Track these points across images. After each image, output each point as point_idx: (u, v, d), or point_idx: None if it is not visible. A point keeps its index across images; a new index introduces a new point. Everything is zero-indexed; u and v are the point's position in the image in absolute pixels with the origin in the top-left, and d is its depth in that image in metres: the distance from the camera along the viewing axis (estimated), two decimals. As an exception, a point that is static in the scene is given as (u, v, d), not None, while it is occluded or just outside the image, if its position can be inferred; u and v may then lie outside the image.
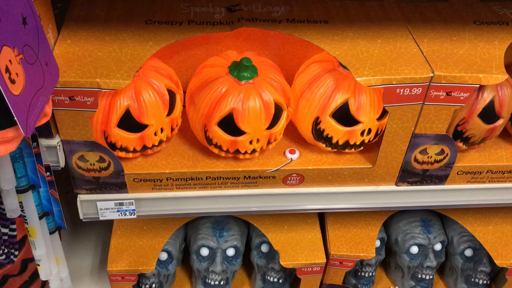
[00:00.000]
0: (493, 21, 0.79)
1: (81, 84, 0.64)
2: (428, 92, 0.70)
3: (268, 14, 0.79)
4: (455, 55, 0.72)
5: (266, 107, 0.72)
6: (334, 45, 0.73)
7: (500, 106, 0.74)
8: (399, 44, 0.73)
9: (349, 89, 0.73)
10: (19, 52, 0.46)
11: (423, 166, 0.79)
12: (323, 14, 0.79)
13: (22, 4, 0.47)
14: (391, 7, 0.82)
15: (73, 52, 0.69)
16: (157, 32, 0.73)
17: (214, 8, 0.80)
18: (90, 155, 0.72)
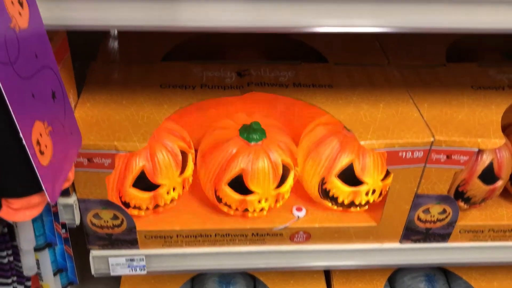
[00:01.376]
0: (490, 86, 0.83)
1: (99, 147, 0.68)
2: (429, 155, 0.73)
3: (276, 79, 0.83)
4: (454, 120, 0.76)
5: (274, 167, 0.75)
6: (338, 109, 0.77)
7: (499, 168, 0.77)
8: (400, 109, 0.77)
9: (353, 151, 0.76)
10: (48, 125, 0.50)
11: (426, 225, 0.81)
12: (328, 78, 0.83)
13: (52, 79, 0.52)
14: (392, 72, 0.87)
15: (92, 115, 0.73)
16: (172, 95, 0.78)
17: (225, 72, 0.85)
18: (105, 213, 0.74)
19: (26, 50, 0.46)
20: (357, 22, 0.57)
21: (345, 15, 0.57)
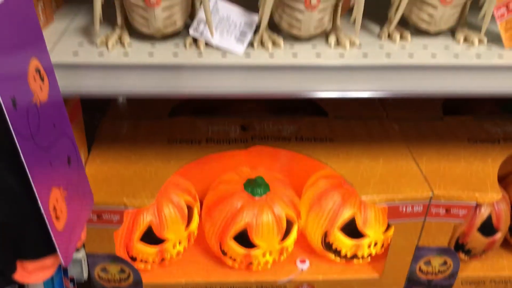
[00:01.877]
0: (485, 139, 0.86)
1: (109, 204, 0.70)
2: (428, 209, 0.75)
3: (279, 132, 0.86)
4: (452, 174, 0.78)
5: (278, 221, 0.77)
6: (339, 163, 0.79)
7: (497, 220, 0.79)
8: (400, 163, 0.80)
9: (355, 204, 0.78)
10: (64, 190, 0.52)
11: (428, 276, 0.82)
12: (329, 132, 0.86)
13: (68, 146, 0.54)
14: (391, 125, 0.90)
15: (102, 171, 0.75)
16: (179, 151, 0.80)
17: (229, 126, 0.88)
18: (112, 267, 0.76)
19: (45, 122, 0.49)
20: (353, 87, 0.61)
21: (342, 81, 0.60)
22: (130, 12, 0.60)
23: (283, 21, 0.62)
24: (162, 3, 0.57)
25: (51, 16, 0.66)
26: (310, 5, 0.58)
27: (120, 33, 0.61)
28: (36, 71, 0.48)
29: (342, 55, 0.61)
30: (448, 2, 0.62)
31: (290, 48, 0.62)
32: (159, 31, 0.59)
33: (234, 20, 0.62)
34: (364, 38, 0.65)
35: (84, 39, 0.61)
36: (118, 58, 0.57)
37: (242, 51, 0.60)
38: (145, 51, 0.59)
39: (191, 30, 0.60)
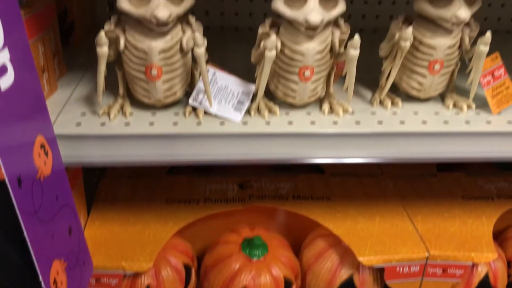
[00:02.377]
0: (479, 196, 0.88)
1: (107, 268, 0.71)
2: (425, 269, 0.75)
3: (276, 191, 0.88)
4: (447, 233, 0.79)
5: (276, 283, 0.77)
6: (336, 222, 0.80)
7: (494, 279, 0.79)
8: (396, 222, 0.81)
9: (353, 264, 0.78)
10: (64, 261, 0.53)
11: (428, 336, 0.81)
12: (325, 190, 0.88)
13: (69, 216, 0.56)
14: (386, 182, 0.91)
15: (101, 234, 0.76)
16: (177, 211, 0.81)
17: (227, 185, 0.89)
18: (109, 331, 0.75)
19: (48, 196, 0.50)
20: (347, 154, 0.63)
21: (337, 148, 0.62)
22: (132, 84, 0.62)
23: (278, 90, 0.64)
24: (163, 76, 0.59)
25: (55, 85, 0.69)
26: (304, 76, 0.61)
27: (122, 103, 0.63)
28: (41, 147, 0.50)
29: (336, 123, 0.63)
30: (436, 71, 0.64)
31: (286, 115, 0.64)
32: (160, 101, 0.62)
33: (232, 89, 0.64)
34: (357, 104, 0.68)
35: (87, 109, 0.63)
36: (119, 128, 0.59)
37: (240, 119, 0.62)
38: (146, 121, 0.61)
39: (190, 100, 0.63)
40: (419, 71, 0.65)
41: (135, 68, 0.59)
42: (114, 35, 0.59)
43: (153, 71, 0.58)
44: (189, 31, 0.60)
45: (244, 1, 0.97)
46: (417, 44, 0.63)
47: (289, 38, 0.59)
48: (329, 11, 0.58)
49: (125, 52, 0.59)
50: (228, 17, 0.98)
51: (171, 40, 0.58)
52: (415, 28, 0.64)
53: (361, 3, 0.99)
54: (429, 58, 0.64)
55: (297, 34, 0.59)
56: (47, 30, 0.66)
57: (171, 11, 0.54)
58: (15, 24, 0.46)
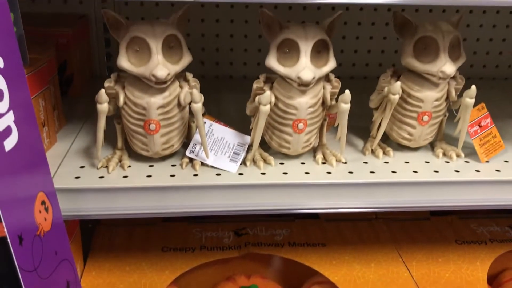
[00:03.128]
0: (472, 240, 0.89)
1: (103, 320, 0.70)
2: (422, 316, 0.75)
3: (271, 238, 0.88)
4: (442, 278, 0.79)
5: (273, 332, 0.77)
6: (332, 269, 0.81)
7: (491, 325, 0.79)
8: (391, 268, 0.81)
9: (349, 312, 0.78)
10: (61, 316, 0.53)
11: None
12: (320, 236, 0.88)
13: (68, 270, 0.56)
14: (380, 226, 0.92)
15: (98, 284, 0.76)
16: (173, 260, 0.81)
17: (223, 232, 0.90)
18: None
19: (47, 251, 0.51)
20: (341, 203, 0.64)
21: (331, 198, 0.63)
22: (130, 137, 0.64)
23: (273, 141, 0.66)
24: (161, 130, 0.61)
25: (54, 138, 0.70)
26: (297, 129, 0.63)
27: (120, 155, 0.65)
28: (42, 203, 0.51)
29: (330, 173, 0.64)
30: (425, 122, 0.67)
31: (281, 165, 0.66)
32: (158, 154, 0.63)
33: (228, 141, 0.66)
34: (349, 154, 0.69)
35: (86, 161, 0.65)
36: (118, 181, 0.61)
37: (236, 170, 0.64)
38: (143, 173, 0.62)
39: (187, 152, 0.64)
40: (408, 122, 0.67)
41: (134, 123, 0.61)
42: (114, 92, 0.61)
43: (152, 125, 0.60)
44: (187, 86, 0.62)
45: (238, 51, 1.00)
46: (405, 96, 0.66)
47: (283, 93, 0.62)
48: (320, 68, 0.60)
49: (124, 108, 0.61)
50: (223, 66, 1.02)
51: (169, 96, 0.60)
52: (403, 81, 0.66)
53: (352, 52, 1.02)
54: (418, 110, 0.66)
55: (290, 89, 0.61)
56: (48, 85, 0.68)
57: (169, 70, 0.57)
58: (20, 86, 0.48)
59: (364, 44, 1.02)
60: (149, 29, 0.57)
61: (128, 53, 0.58)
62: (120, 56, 0.58)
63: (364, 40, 1.01)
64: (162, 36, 0.57)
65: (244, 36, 0.99)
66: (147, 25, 0.57)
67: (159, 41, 0.57)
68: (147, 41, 0.57)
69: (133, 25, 0.58)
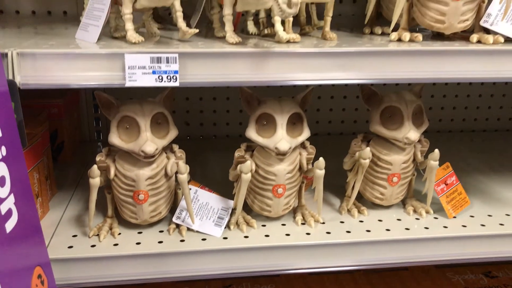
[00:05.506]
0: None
1: None
2: None
3: (257, 293, 0.91)
4: (421, 329, 0.83)
5: None
6: (316, 323, 0.84)
7: None
8: (372, 320, 0.85)
9: None
10: None
11: None
12: (304, 290, 0.92)
13: None
14: (361, 277, 0.96)
15: None
16: (161, 320, 0.84)
17: None
18: None
19: (43, 323, 0.53)
20: (320, 263, 0.68)
21: (311, 258, 0.67)
22: (120, 206, 0.68)
23: (255, 205, 0.71)
24: (149, 199, 0.65)
25: (47, 207, 0.74)
26: (277, 193, 0.68)
27: (111, 223, 0.68)
28: (38, 277, 0.54)
29: (309, 234, 0.69)
30: (395, 183, 0.72)
31: (263, 227, 0.70)
32: (146, 221, 0.67)
33: (213, 206, 0.70)
34: (327, 213, 0.74)
35: (78, 230, 0.68)
36: (109, 249, 0.64)
37: (220, 235, 0.68)
38: (133, 241, 0.66)
39: (174, 218, 0.68)
40: (379, 183, 0.73)
41: (124, 193, 0.65)
42: (105, 165, 0.65)
43: (141, 196, 0.64)
44: (173, 157, 0.67)
45: (221, 112, 1.06)
46: (376, 160, 0.72)
47: (263, 160, 0.67)
48: (296, 138, 0.66)
49: (115, 179, 0.65)
50: (207, 127, 1.07)
51: (157, 168, 0.65)
52: (373, 146, 0.72)
53: (327, 111, 1.09)
54: (388, 172, 0.71)
55: (269, 157, 0.66)
56: (42, 157, 0.72)
57: (157, 145, 0.62)
58: (19, 169, 0.52)
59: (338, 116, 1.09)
60: (138, 108, 0.62)
61: (119, 130, 0.63)
62: (111, 134, 0.63)
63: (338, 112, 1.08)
64: (150, 115, 0.62)
65: (226, 98, 1.05)
66: (136, 104, 0.63)
67: (147, 119, 0.62)
68: (136, 120, 0.62)
69: (123, 105, 0.63)
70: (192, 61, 0.57)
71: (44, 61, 0.55)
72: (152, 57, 0.55)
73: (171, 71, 0.56)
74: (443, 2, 0.61)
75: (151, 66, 0.56)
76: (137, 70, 0.55)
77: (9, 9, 0.93)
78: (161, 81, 0.56)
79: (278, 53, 0.57)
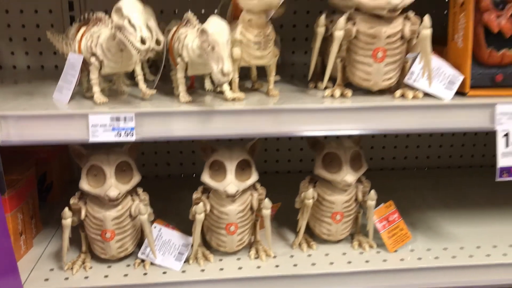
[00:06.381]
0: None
1: None
2: None
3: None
4: None
5: None
6: None
7: None
8: None
9: None
10: None
11: None
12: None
13: None
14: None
15: None
16: None
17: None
18: None
19: None
20: (271, 293, 0.76)
21: (261, 289, 0.75)
22: (91, 243, 0.77)
23: (212, 241, 0.79)
24: (115, 237, 0.74)
25: (31, 243, 0.83)
26: (229, 231, 0.76)
27: (84, 258, 0.77)
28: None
29: (259, 267, 0.77)
30: (339, 221, 0.80)
31: (220, 261, 0.78)
32: (114, 256, 0.76)
33: (175, 242, 0.79)
34: (280, 248, 0.82)
35: (55, 265, 0.77)
36: (80, 282, 0.73)
37: (180, 268, 0.76)
38: (102, 273, 0.75)
39: (139, 254, 0.77)
40: (325, 220, 0.81)
41: (93, 232, 0.74)
42: (78, 207, 0.75)
43: (107, 234, 0.73)
44: (137, 200, 0.76)
45: (187, 152, 1.15)
46: (321, 199, 0.80)
47: (217, 201, 0.76)
48: (244, 182, 0.75)
49: (86, 219, 0.75)
50: (174, 166, 1.16)
51: (122, 209, 0.74)
52: (319, 186, 0.81)
53: (274, 151, 1.17)
54: (331, 210, 0.80)
55: (222, 198, 0.75)
56: (27, 200, 0.82)
57: (120, 190, 0.71)
58: (-3, 214, 0.62)
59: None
60: (104, 158, 0.72)
61: (88, 177, 0.72)
62: (81, 180, 0.72)
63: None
64: (115, 163, 0.72)
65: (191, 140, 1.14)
66: (103, 155, 0.73)
67: (112, 168, 0.72)
68: (102, 168, 0.71)
69: (92, 155, 0.73)
70: (147, 118, 0.66)
71: (23, 122, 0.65)
72: (112, 117, 0.65)
73: (128, 128, 0.66)
74: (367, 64, 0.71)
75: (111, 124, 0.65)
76: (99, 128, 0.65)
77: (6, 64, 1.05)
78: (120, 136, 0.66)
79: (219, 111, 0.67)
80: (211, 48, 0.62)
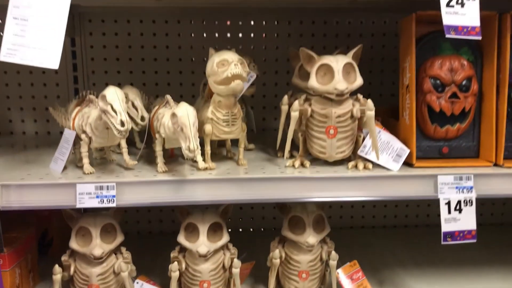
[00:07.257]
0: None
1: None
2: None
3: None
4: None
5: None
6: None
7: None
8: None
9: None
10: None
11: None
12: None
13: None
14: None
15: None
16: None
17: None
18: None
19: None
20: None
21: None
22: None
23: None
24: None
25: (28, 295, 0.92)
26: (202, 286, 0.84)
27: (72, 310, 0.86)
28: None
29: (230, 321, 0.84)
30: (305, 278, 0.87)
31: (195, 315, 0.86)
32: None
33: (154, 297, 0.87)
34: (252, 302, 0.89)
35: (46, 316, 0.86)
36: (66, 332, 0.81)
37: (158, 321, 0.84)
38: (87, 325, 0.83)
39: (122, 307, 0.85)
40: (293, 278, 0.88)
41: (81, 287, 0.83)
42: (68, 263, 0.84)
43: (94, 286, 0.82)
44: (121, 258, 0.85)
45: (167, 211, 1.24)
46: (288, 258, 0.87)
47: (191, 260, 0.84)
48: (216, 243, 0.83)
49: (75, 275, 0.84)
50: (154, 224, 1.25)
51: (107, 266, 0.83)
52: (287, 247, 0.88)
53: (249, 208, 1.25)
54: (298, 269, 0.87)
55: (196, 257, 0.83)
56: (26, 256, 0.91)
57: (104, 250, 0.80)
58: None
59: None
60: (91, 221, 0.82)
61: (77, 237, 0.82)
62: (71, 239, 0.82)
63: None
64: (101, 225, 0.82)
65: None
66: (90, 217, 0.82)
67: (98, 229, 0.81)
68: (89, 229, 0.81)
69: (81, 218, 0.83)
70: (127, 187, 0.76)
71: (22, 190, 0.76)
72: (96, 186, 0.76)
73: (110, 195, 0.76)
74: (322, 139, 0.80)
75: (95, 192, 0.76)
76: (85, 195, 0.75)
77: (17, 130, 1.18)
78: (103, 203, 0.76)
79: (190, 180, 0.76)
80: (180, 129, 0.72)
